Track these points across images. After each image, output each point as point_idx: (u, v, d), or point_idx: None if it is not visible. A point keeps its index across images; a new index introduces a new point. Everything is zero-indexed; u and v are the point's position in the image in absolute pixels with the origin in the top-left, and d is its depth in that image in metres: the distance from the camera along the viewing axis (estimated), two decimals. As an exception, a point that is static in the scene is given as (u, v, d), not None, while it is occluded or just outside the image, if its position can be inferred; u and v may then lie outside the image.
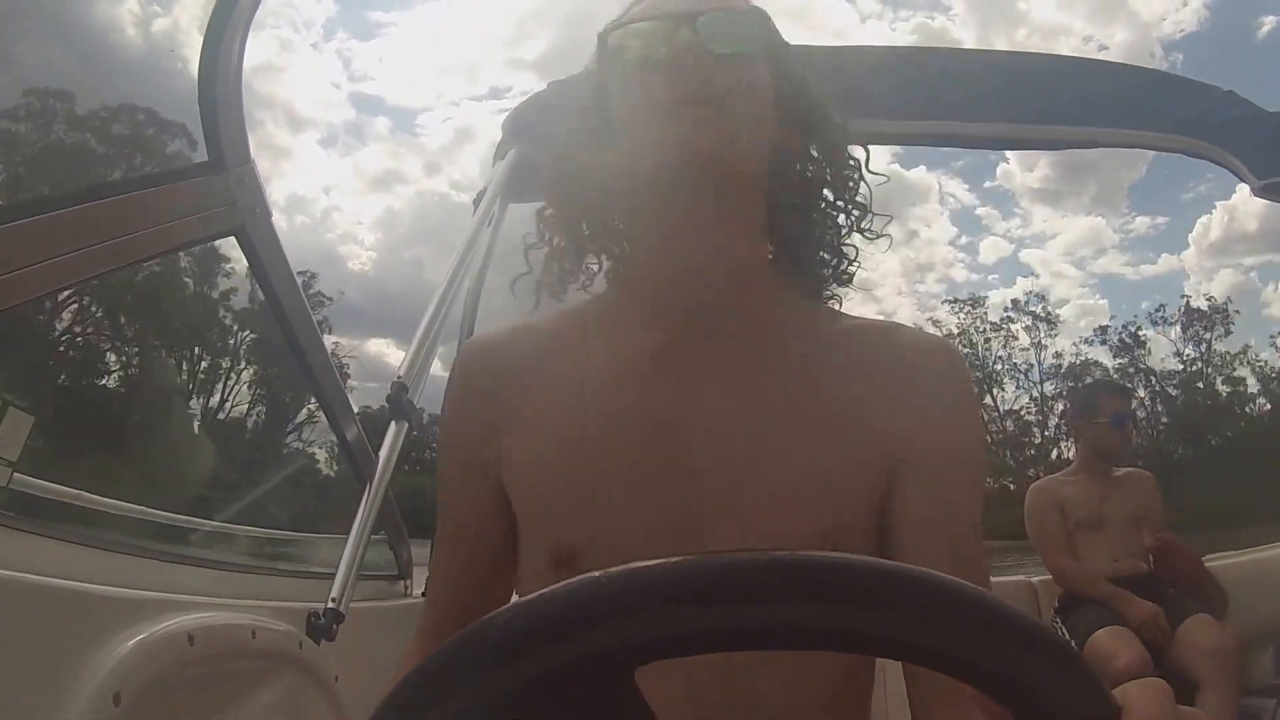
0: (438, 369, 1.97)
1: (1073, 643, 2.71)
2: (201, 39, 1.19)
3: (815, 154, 0.95)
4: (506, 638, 0.40)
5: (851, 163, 0.95)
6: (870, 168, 0.96)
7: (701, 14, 0.85)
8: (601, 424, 0.83)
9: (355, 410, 1.89)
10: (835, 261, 0.95)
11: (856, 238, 0.96)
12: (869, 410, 0.84)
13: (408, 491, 2.29)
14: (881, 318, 0.94)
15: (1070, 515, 3.09)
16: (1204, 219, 60.59)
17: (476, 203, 2.20)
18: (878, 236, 0.96)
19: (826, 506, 0.81)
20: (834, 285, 0.97)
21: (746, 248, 0.88)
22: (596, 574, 0.40)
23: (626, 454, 0.82)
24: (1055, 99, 2.18)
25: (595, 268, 0.96)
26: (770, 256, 0.93)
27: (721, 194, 0.85)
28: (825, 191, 0.95)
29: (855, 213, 0.95)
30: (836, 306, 0.97)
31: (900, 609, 0.39)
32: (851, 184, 0.94)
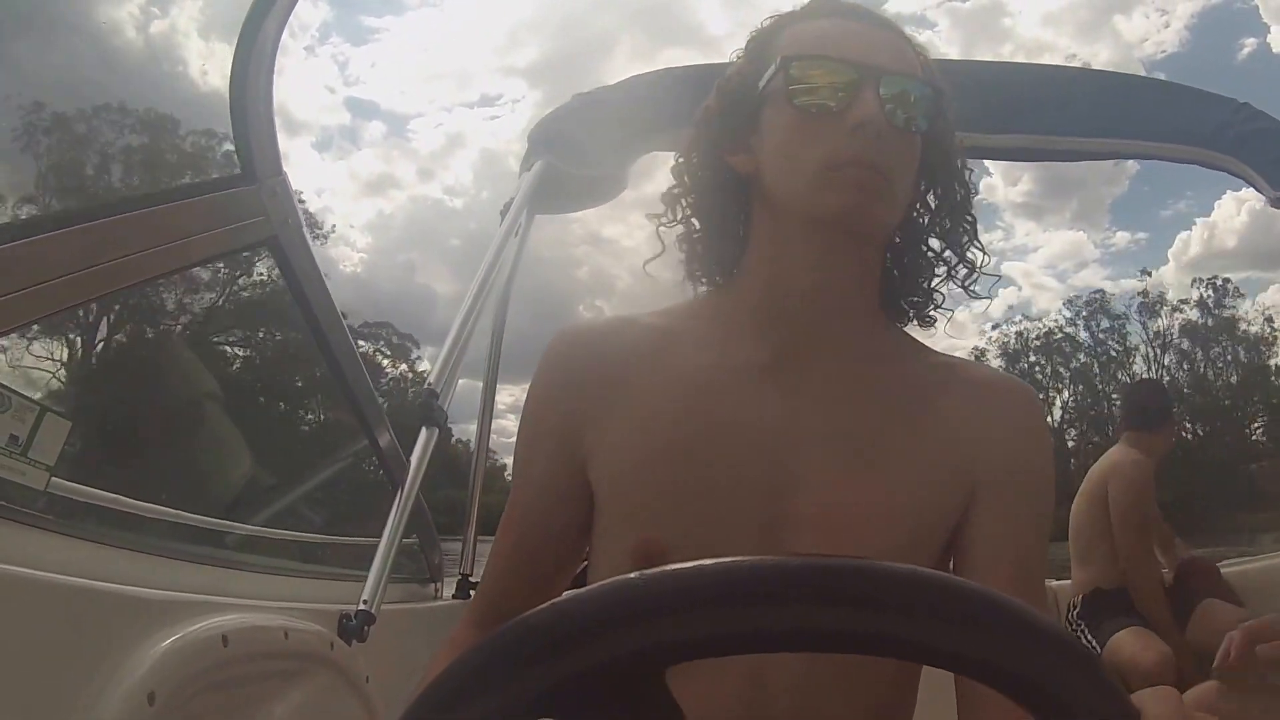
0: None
1: (1095, 643, 2.69)
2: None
3: (933, 204, 0.95)
4: (545, 636, 0.40)
5: (968, 220, 0.95)
6: None
7: (887, 73, 0.84)
8: (703, 426, 0.85)
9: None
10: (926, 302, 0.97)
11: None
12: (953, 439, 0.87)
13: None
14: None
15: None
16: (1184, 235, 61.12)
17: (503, 214, 2.21)
18: (981, 297, 0.98)
19: (905, 525, 0.84)
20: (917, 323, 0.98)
21: (860, 284, 0.90)
22: (632, 575, 0.41)
23: (724, 459, 0.84)
24: (1073, 112, 2.17)
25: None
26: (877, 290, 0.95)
27: (856, 248, 0.88)
28: (933, 241, 0.96)
29: (962, 269, 0.96)
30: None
31: (918, 612, 0.39)
32: (963, 241, 0.95)
